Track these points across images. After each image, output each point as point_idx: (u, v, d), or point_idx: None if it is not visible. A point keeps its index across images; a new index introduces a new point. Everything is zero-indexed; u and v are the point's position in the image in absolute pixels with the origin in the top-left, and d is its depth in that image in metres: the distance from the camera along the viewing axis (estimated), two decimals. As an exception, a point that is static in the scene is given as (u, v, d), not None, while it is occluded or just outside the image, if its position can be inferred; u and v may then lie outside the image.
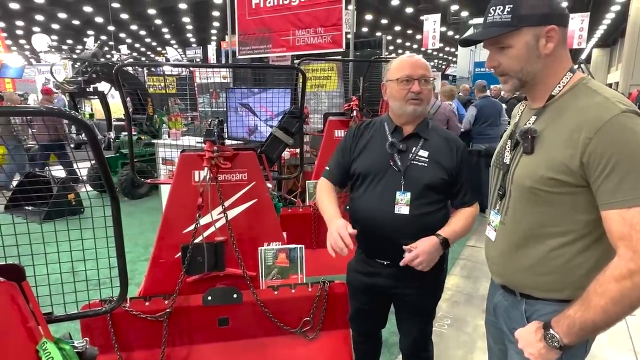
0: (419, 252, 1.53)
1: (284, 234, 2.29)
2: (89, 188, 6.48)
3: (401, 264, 1.57)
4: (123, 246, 1.31)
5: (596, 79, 1.40)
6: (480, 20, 13.51)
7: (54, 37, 25.03)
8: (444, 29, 20.89)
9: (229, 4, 6.44)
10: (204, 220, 2.04)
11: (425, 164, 1.62)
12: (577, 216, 1.11)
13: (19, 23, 23.75)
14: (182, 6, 20.65)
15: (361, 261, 1.81)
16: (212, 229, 2.07)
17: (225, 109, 4.33)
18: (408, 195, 1.60)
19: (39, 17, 22.60)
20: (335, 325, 2.12)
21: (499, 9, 1.13)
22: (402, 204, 1.60)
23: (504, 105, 6.47)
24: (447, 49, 27.71)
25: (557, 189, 1.10)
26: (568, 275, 1.14)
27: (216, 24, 23.52)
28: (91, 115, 12.64)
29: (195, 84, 7.08)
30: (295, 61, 5.69)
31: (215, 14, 21.37)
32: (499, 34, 1.13)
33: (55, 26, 24.51)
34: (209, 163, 1.94)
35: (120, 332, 1.97)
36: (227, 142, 2.89)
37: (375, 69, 6.15)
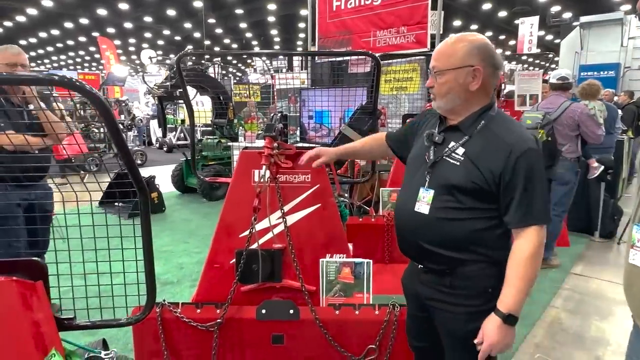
0: (485, 345, 1.29)
1: (350, 245, 2.03)
2: (171, 188, 6.83)
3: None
4: (152, 249, 1.14)
5: None
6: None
7: (159, 52, 27.71)
8: (542, 32, 19.06)
9: (310, 14, 6.39)
10: (261, 225, 1.86)
11: (458, 163, 1.35)
12: None
13: (132, 40, 26.77)
14: (271, 19, 21.59)
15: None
16: (269, 235, 1.88)
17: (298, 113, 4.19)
18: (431, 193, 1.38)
19: (147, 35, 25.25)
20: (406, 357, 1.79)
21: None
22: (424, 202, 1.39)
23: (619, 111, 5.54)
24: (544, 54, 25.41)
25: None
26: None
27: (302, 34, 24.23)
28: (182, 121, 13.55)
29: (275, 89, 7.16)
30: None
31: (301, 25, 22.02)
32: None
33: (160, 42, 27.21)
34: (267, 160, 1.75)
35: (170, 339, 1.86)
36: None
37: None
